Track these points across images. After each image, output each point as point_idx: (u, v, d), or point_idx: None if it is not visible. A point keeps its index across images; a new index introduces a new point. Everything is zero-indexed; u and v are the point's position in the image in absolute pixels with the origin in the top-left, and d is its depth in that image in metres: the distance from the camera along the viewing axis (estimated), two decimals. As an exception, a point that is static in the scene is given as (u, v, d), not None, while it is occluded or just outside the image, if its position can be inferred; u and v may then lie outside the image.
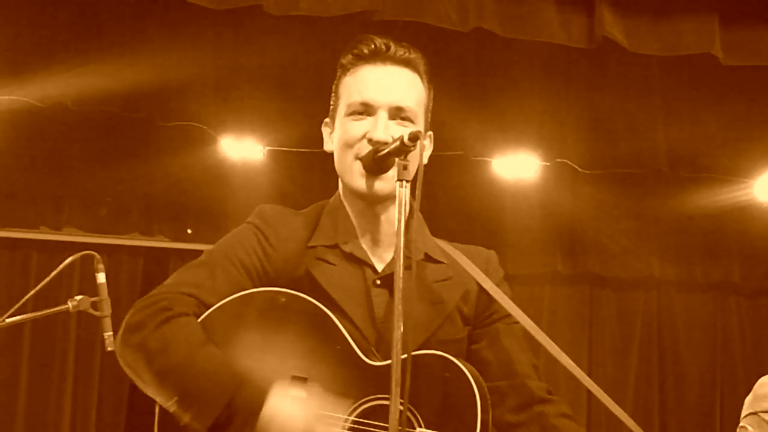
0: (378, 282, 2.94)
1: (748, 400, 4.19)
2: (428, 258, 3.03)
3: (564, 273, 8.30)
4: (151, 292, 2.87)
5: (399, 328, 2.50)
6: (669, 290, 8.53)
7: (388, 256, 2.99)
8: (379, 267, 2.97)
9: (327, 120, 3.10)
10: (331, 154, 3.06)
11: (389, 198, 2.93)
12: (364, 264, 2.97)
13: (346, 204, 3.03)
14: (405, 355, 2.50)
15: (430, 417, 2.72)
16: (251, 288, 2.89)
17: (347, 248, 2.97)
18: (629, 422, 2.97)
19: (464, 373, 2.73)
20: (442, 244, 3.09)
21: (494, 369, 2.98)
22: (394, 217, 2.89)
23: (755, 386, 4.23)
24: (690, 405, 8.48)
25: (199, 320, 2.81)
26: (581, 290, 8.47)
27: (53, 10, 6.66)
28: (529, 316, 3.03)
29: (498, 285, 3.06)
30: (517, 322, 3.03)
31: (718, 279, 8.43)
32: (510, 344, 3.04)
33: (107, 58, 6.79)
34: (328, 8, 6.10)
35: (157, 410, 2.80)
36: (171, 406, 2.70)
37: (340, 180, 3.03)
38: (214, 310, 2.83)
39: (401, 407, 2.46)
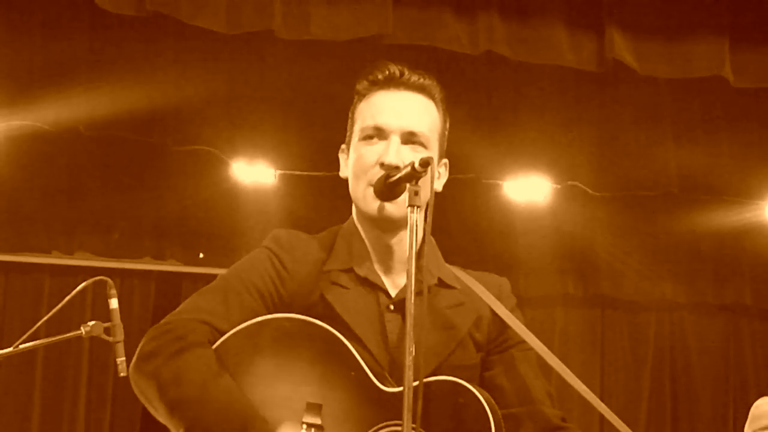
0: (391, 307, 2.93)
1: (746, 426, 4.18)
2: (441, 283, 3.02)
3: (576, 295, 8.29)
4: (165, 318, 2.87)
5: (410, 353, 2.50)
6: (681, 312, 8.52)
7: (401, 281, 2.98)
8: (393, 292, 2.97)
9: (343, 146, 3.10)
10: (343, 179, 3.07)
11: (401, 222, 2.91)
12: (377, 288, 2.96)
13: (360, 229, 3.03)
14: (417, 382, 2.51)
15: None
16: (265, 313, 2.88)
17: (361, 272, 2.96)
18: None
19: (478, 399, 2.73)
20: (456, 270, 3.09)
21: (510, 396, 2.97)
22: (406, 243, 2.89)
23: (751, 410, 4.22)
24: (703, 427, 8.45)
25: (213, 347, 2.80)
26: (593, 312, 8.46)
27: (65, 35, 6.69)
28: (541, 338, 3.03)
29: (511, 311, 3.04)
30: (531, 349, 3.02)
31: (730, 301, 8.41)
32: (525, 371, 3.03)
33: (119, 83, 6.82)
34: (339, 33, 6.14)
35: None
36: None
37: (354, 205, 3.05)
38: (228, 336, 2.82)
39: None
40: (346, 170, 3.06)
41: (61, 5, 6.69)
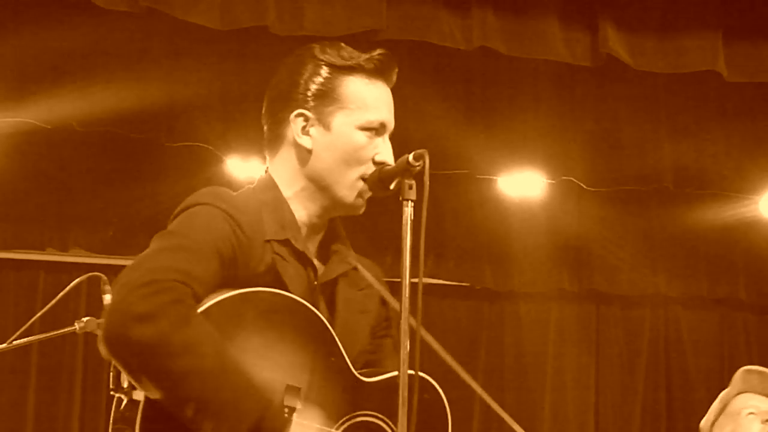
0: (316, 286, 2.89)
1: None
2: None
3: (570, 290, 8.28)
4: (137, 273, 2.55)
5: (405, 347, 2.51)
6: (675, 307, 8.51)
7: (320, 260, 2.95)
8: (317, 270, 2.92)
9: (307, 113, 2.97)
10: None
11: None
12: (309, 265, 2.88)
13: (296, 203, 2.92)
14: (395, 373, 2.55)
15: None
16: (220, 280, 2.68)
17: (299, 245, 2.85)
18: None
19: (439, 394, 2.85)
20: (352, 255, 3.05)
21: None
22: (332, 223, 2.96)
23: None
24: (698, 421, 8.45)
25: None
26: (588, 308, 8.45)
27: (58, 31, 6.68)
28: (535, 333, 3.05)
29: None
30: (391, 336, 3.03)
31: (724, 295, 8.41)
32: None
33: (113, 79, 6.81)
34: (333, 28, 6.14)
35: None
36: (186, 409, 2.50)
37: (294, 177, 2.94)
38: (212, 305, 2.60)
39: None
40: (307, 140, 2.94)
41: (54, 2, 6.69)
